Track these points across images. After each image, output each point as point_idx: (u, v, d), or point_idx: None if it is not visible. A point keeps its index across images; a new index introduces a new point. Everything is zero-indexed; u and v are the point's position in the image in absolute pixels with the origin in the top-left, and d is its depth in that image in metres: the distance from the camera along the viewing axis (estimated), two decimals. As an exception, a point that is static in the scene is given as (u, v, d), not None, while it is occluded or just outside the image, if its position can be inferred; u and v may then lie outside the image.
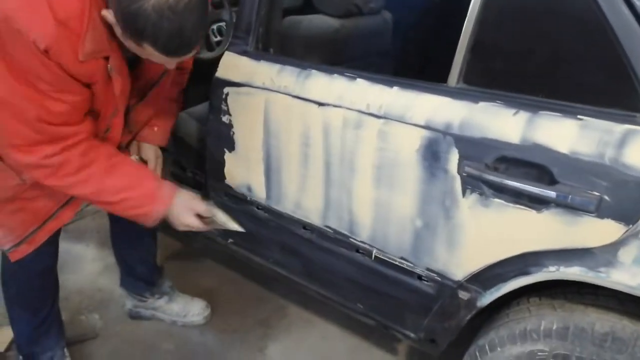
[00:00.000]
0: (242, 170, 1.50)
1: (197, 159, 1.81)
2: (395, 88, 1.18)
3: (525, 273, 1.08)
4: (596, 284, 1.01)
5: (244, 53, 1.44)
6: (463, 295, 1.20)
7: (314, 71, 1.30)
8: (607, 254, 0.97)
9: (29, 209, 1.27)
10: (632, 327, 1.04)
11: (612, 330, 1.05)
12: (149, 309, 1.89)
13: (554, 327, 1.11)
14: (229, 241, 1.74)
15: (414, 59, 1.94)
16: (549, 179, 0.98)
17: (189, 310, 1.89)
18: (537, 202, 1.01)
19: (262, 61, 1.40)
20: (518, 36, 1.06)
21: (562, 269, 1.03)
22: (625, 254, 0.95)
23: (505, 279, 1.12)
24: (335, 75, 1.27)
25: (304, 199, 1.40)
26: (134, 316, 1.91)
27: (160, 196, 1.27)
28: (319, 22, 1.62)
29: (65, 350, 1.65)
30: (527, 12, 1.04)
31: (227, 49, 1.48)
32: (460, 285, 1.19)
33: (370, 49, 1.76)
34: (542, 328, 1.13)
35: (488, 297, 1.17)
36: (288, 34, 1.61)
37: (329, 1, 1.61)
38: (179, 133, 1.95)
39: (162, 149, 2.46)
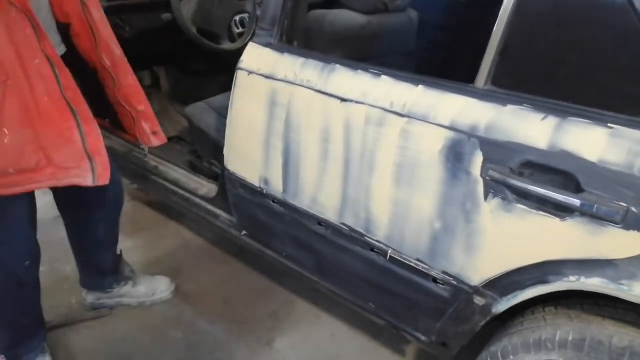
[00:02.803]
0: (260, 162, 1.50)
1: (215, 150, 1.81)
2: (421, 87, 1.16)
3: (544, 282, 1.06)
4: (615, 296, 0.99)
5: (268, 45, 1.44)
6: (479, 300, 1.19)
7: (338, 66, 1.29)
8: (631, 266, 0.95)
9: None
10: (651, 343, 1.02)
11: (631, 345, 1.02)
12: (114, 298, 1.87)
13: (570, 338, 1.10)
14: (242, 233, 1.74)
15: (440, 59, 1.92)
16: (575, 187, 0.96)
17: (155, 288, 1.92)
18: (561, 210, 0.99)
19: (285, 54, 1.39)
20: (550, 41, 1.03)
21: (582, 279, 1.01)
22: (650, 268, 0.93)
23: (523, 286, 1.10)
24: (360, 71, 1.26)
25: (321, 195, 1.39)
26: (97, 307, 1.87)
27: None
28: (345, 17, 1.60)
29: (45, 345, 1.62)
30: (561, 17, 1.02)
31: (251, 40, 1.47)
32: (477, 290, 1.17)
33: (396, 47, 1.75)
34: (557, 338, 1.11)
35: (504, 304, 1.15)
36: (313, 28, 1.59)
37: (356, -4, 1.59)
38: (198, 123, 1.96)
39: (180, 138, 2.48)
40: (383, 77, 1.22)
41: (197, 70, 2.68)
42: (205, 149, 1.98)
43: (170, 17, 2.06)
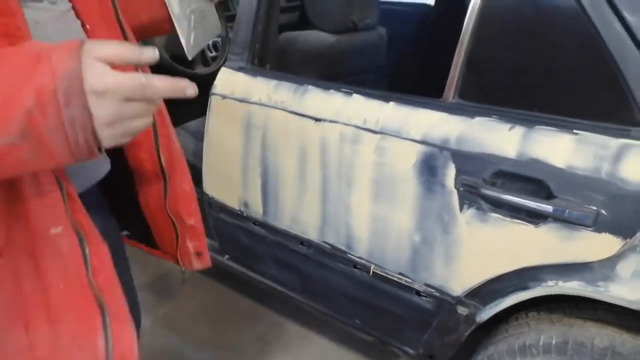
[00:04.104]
0: (238, 185, 1.50)
1: (193, 174, 1.80)
2: (392, 103, 1.18)
3: (524, 288, 1.08)
4: (594, 298, 1.01)
5: (240, 69, 1.45)
6: (462, 310, 1.20)
7: (310, 87, 1.31)
8: (605, 268, 0.97)
9: None
10: (632, 342, 1.04)
11: (612, 344, 1.05)
12: None
13: (553, 342, 1.11)
14: (225, 257, 1.73)
15: (411, 74, 1.96)
16: (546, 194, 0.98)
17: None
18: (534, 217, 1.01)
19: (258, 77, 1.41)
20: (513, 51, 1.07)
21: (560, 283, 1.03)
22: (624, 268, 0.95)
23: (504, 294, 1.11)
24: (332, 90, 1.27)
25: (301, 215, 1.39)
26: None
27: (47, 53, 0.53)
28: (316, 37, 1.63)
29: None
30: (522, 28, 1.05)
31: (223, 65, 1.49)
32: (459, 300, 1.18)
33: (367, 64, 1.78)
34: (541, 343, 1.13)
35: (487, 312, 1.16)
36: (285, 50, 1.62)
37: (325, 17, 1.62)
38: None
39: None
40: (355, 95, 1.24)
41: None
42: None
43: (142, 44, 2.07)
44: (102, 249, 0.77)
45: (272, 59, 1.48)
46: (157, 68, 2.03)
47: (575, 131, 0.97)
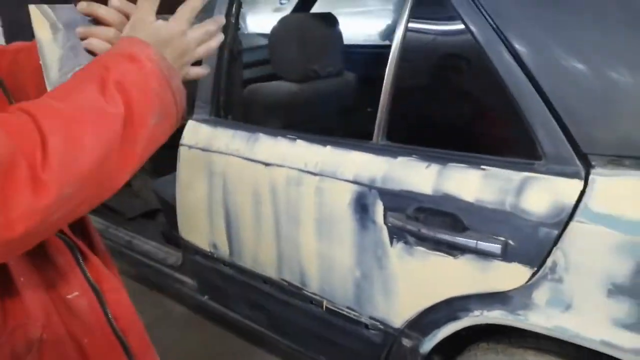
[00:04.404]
0: (207, 228, 1.60)
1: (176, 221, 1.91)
2: (329, 147, 1.27)
3: (455, 318, 1.12)
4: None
5: (204, 121, 1.57)
6: (406, 342, 1.23)
7: (260, 135, 1.41)
8: (523, 296, 1.01)
9: None
10: (565, 370, 1.06)
11: (544, 373, 1.06)
12: None
13: (493, 372, 1.14)
14: (205, 297, 1.81)
15: (364, 118, 2.04)
16: (461, 227, 1.04)
17: None
18: (453, 249, 1.06)
19: (219, 127, 1.52)
20: (429, 95, 1.15)
21: (485, 313, 1.07)
22: (539, 296, 0.99)
23: (439, 324, 1.15)
24: (279, 137, 1.37)
25: (260, 254, 1.47)
26: None
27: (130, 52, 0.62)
28: (278, 87, 1.74)
29: None
30: (435, 73, 1.13)
31: (190, 118, 1.61)
32: (402, 332, 1.22)
33: (331, 110, 1.88)
34: (483, 373, 1.15)
35: (428, 344, 1.20)
36: (250, 101, 1.73)
37: (287, 68, 1.74)
38: (162, 195, 2.08)
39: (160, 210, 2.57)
40: (298, 141, 1.33)
41: (172, 144, 2.84)
42: (170, 220, 2.09)
43: None
44: (121, 295, 0.81)
45: (234, 111, 1.59)
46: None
47: (482, 167, 1.03)
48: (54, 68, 0.65)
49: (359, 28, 3.11)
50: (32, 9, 0.64)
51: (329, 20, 1.84)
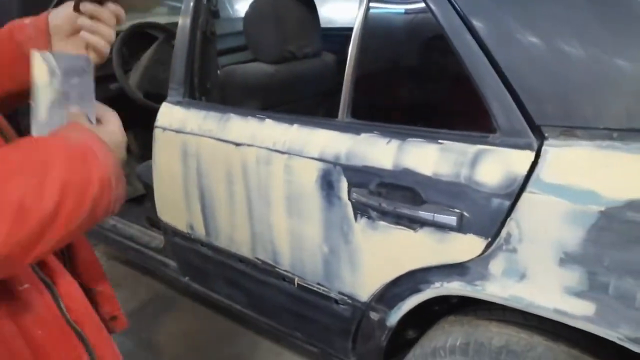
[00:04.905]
0: (184, 210, 1.62)
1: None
2: (295, 125, 1.28)
3: (418, 290, 1.14)
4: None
5: (177, 103, 1.58)
6: (374, 316, 1.26)
7: (232, 115, 1.43)
8: (480, 267, 1.03)
9: None
10: (526, 340, 1.08)
11: (507, 343, 1.09)
12: None
13: (458, 343, 1.16)
14: (185, 278, 1.84)
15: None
16: (419, 200, 1.06)
17: None
18: (412, 222, 1.08)
19: (191, 109, 1.54)
20: (389, 71, 1.16)
21: (445, 284, 1.09)
22: (495, 267, 1.01)
23: (402, 297, 1.18)
24: (249, 117, 1.39)
25: (235, 234, 1.49)
26: None
27: (90, 149, 0.67)
28: (254, 69, 1.75)
29: None
30: (396, 50, 1.14)
31: (164, 100, 1.62)
32: (369, 306, 1.25)
33: (309, 91, 1.89)
34: (447, 345, 1.17)
35: (394, 317, 1.22)
36: (227, 83, 1.74)
37: (263, 49, 1.75)
38: (145, 179, 2.10)
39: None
40: (267, 120, 1.35)
41: None
42: (154, 203, 2.11)
43: (119, 85, 2.25)
44: (72, 288, 0.83)
45: (207, 92, 1.61)
46: (132, 105, 2.18)
47: (440, 141, 1.04)
48: (43, 110, 0.69)
49: (329, 9, 3.11)
50: (34, 54, 0.68)
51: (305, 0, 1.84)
